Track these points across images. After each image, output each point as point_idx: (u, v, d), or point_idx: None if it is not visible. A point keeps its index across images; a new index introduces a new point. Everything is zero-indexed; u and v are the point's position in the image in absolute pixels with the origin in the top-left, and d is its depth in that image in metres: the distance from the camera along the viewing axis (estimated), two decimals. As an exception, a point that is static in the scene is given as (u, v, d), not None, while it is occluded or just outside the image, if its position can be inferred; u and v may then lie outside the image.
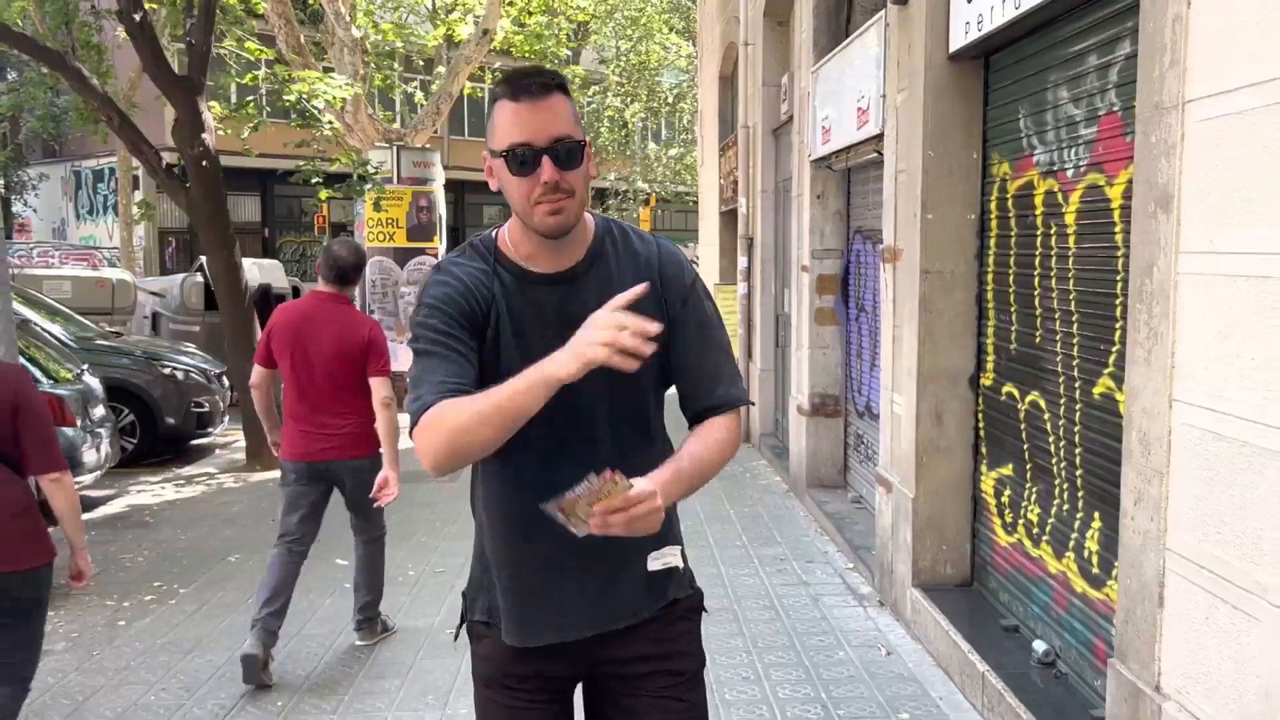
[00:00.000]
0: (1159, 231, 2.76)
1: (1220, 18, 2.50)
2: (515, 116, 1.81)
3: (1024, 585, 4.38)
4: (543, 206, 1.83)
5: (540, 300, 1.94)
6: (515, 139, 1.81)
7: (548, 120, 1.81)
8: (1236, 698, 2.44)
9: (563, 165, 1.82)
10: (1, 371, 3.42)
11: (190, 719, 4.15)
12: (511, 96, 1.82)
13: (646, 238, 2.05)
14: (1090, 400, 3.74)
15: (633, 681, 2.03)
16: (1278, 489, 2.29)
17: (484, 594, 2.07)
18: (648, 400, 2.00)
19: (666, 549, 2.03)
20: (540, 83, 1.83)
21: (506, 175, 1.84)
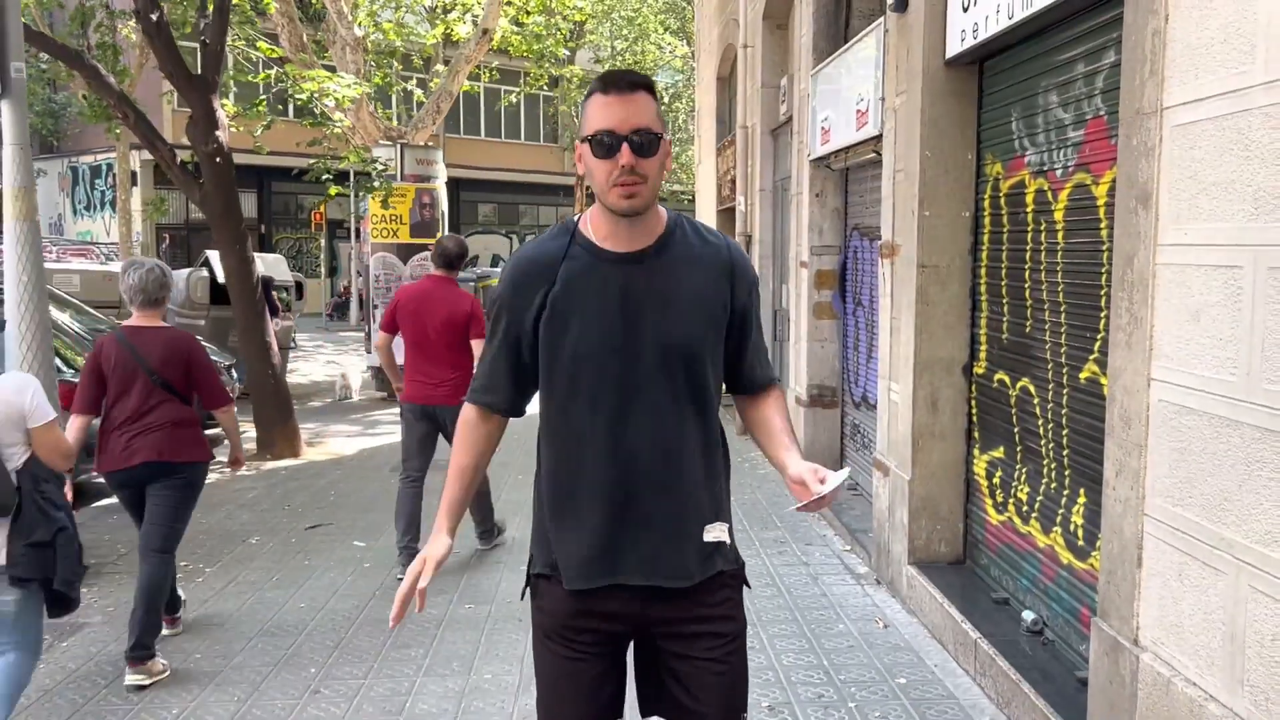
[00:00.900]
0: (1139, 225, 3.03)
1: (1193, 33, 2.78)
2: (603, 106, 2.04)
3: (1014, 560, 4.66)
4: (618, 189, 2.04)
5: (606, 276, 2.12)
6: (600, 125, 2.03)
7: (631, 112, 2.02)
8: (1204, 645, 2.72)
9: (639, 153, 2.02)
10: (176, 336, 4.65)
11: (229, 683, 4.40)
12: (602, 89, 2.05)
13: (716, 234, 2.26)
14: (1077, 385, 4.01)
15: (682, 641, 2.17)
16: (1240, 455, 2.57)
17: (544, 548, 2.22)
18: (706, 378, 2.17)
19: (718, 524, 2.20)
20: (629, 80, 2.06)
21: (590, 158, 2.06)
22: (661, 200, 2.17)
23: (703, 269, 2.16)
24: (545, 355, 2.16)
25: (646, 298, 2.10)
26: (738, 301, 2.21)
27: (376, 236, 13.53)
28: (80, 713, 4.13)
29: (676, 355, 2.10)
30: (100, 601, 5.51)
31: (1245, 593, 2.55)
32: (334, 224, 30.64)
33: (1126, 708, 3.05)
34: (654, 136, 2.04)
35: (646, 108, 2.05)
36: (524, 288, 2.16)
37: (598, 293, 2.11)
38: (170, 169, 9.45)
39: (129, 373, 4.50)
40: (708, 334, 2.16)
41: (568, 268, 2.13)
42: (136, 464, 4.52)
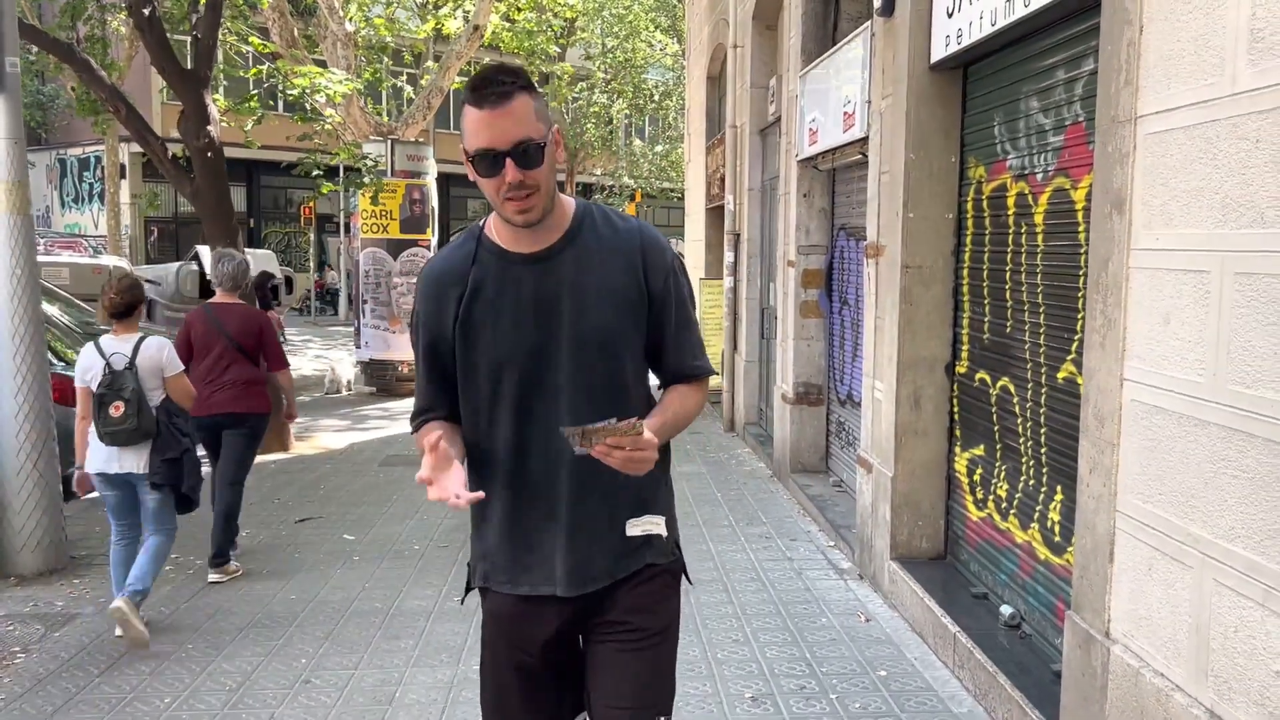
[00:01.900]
0: (1114, 230, 3.12)
1: (1166, 44, 2.86)
2: (479, 123, 1.95)
3: (993, 556, 4.75)
4: (511, 204, 2.00)
5: (518, 278, 2.09)
6: (480, 144, 1.96)
7: (509, 125, 1.94)
8: (1171, 637, 2.81)
9: (525, 165, 1.96)
10: (250, 312, 6.02)
11: (221, 673, 4.46)
12: (475, 103, 1.95)
13: (628, 219, 2.18)
14: (1055, 384, 4.11)
15: (600, 631, 2.16)
16: (1206, 454, 2.66)
17: (479, 558, 2.24)
18: (625, 373, 2.12)
19: (648, 517, 2.16)
20: (499, 92, 1.94)
21: (475, 174, 2.02)
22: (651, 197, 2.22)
23: (614, 258, 2.10)
24: (462, 363, 2.13)
25: (558, 295, 2.07)
26: (653, 287, 2.13)
27: (366, 232, 13.57)
28: (75, 700, 4.19)
29: (592, 349, 2.06)
30: (92, 593, 5.56)
31: (1210, 587, 2.64)
32: (323, 218, 30.65)
33: (1098, 699, 3.15)
34: (536, 145, 1.97)
35: (524, 114, 1.96)
36: (437, 298, 2.13)
37: (510, 296, 2.08)
38: (162, 163, 9.48)
39: (211, 339, 5.80)
40: (621, 324, 2.10)
41: (477, 274, 2.10)
42: (215, 413, 5.71)
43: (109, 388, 4.70)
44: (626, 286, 2.10)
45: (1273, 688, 2.40)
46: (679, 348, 2.20)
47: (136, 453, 4.74)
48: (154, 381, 4.82)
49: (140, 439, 4.71)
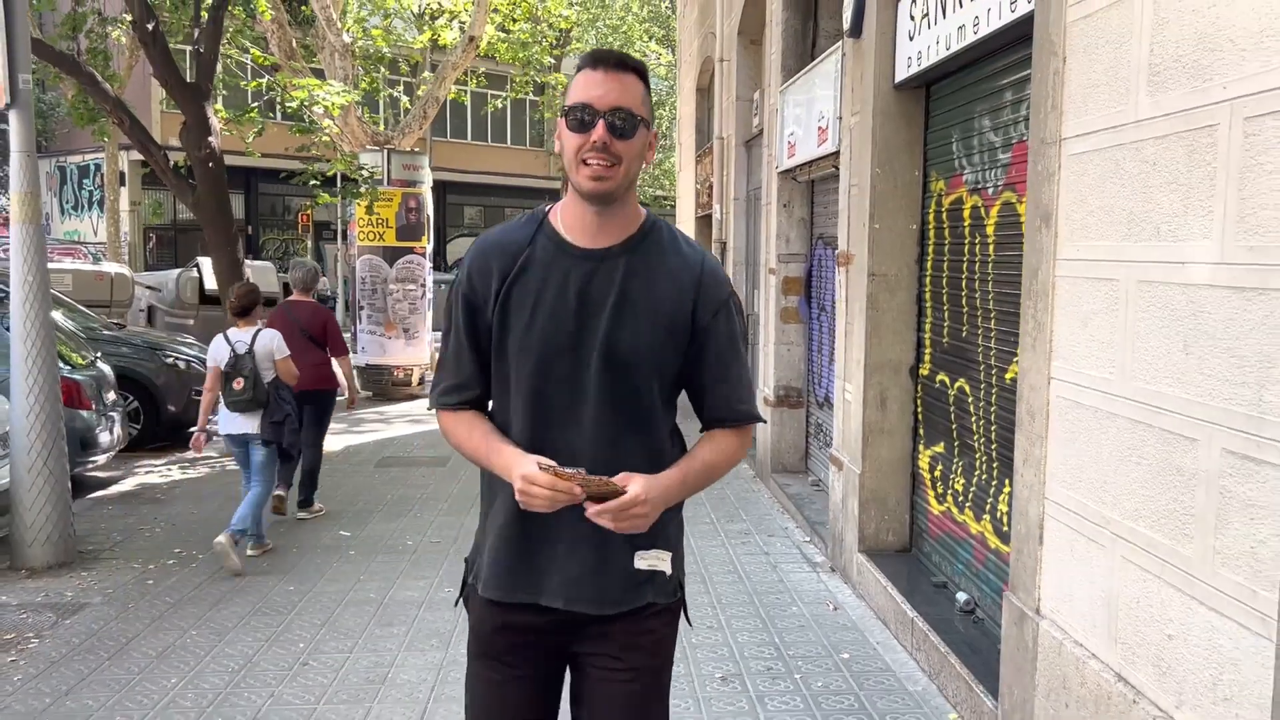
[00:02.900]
0: (1042, 242, 3.42)
1: (1084, 74, 3.17)
2: (586, 80, 1.94)
3: (951, 546, 5.04)
4: (587, 168, 1.92)
5: (567, 270, 2.01)
6: (579, 98, 1.93)
7: (614, 90, 1.92)
8: (1089, 611, 3.10)
9: (616, 134, 1.91)
10: (318, 308, 7.43)
11: (224, 657, 4.74)
12: (591, 65, 1.95)
13: (695, 247, 2.11)
14: (1003, 385, 4.40)
15: (593, 662, 2.10)
16: (1116, 443, 2.95)
17: (478, 553, 2.15)
18: (653, 395, 2.04)
19: (655, 551, 2.07)
20: (618, 59, 1.96)
21: (564, 130, 1.95)
22: (644, 205, 2.15)
23: (669, 278, 2.03)
24: (497, 345, 2.05)
25: (603, 298, 1.99)
26: (699, 321, 2.04)
27: (363, 240, 13.86)
28: (86, 680, 4.47)
29: (619, 362, 1.99)
30: (99, 584, 5.84)
31: (1119, 563, 2.93)
32: (321, 225, 30.94)
33: (1029, 670, 3.44)
34: (635, 119, 1.93)
35: (633, 90, 1.94)
36: (484, 272, 2.05)
37: (556, 287, 2.00)
38: (164, 173, 9.79)
39: (289, 330, 6.83)
40: (658, 345, 2.01)
41: (529, 256, 2.03)
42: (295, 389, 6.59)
43: (233, 368, 6.14)
44: (673, 310, 2.02)
45: (1166, 649, 2.69)
46: (723, 387, 2.09)
47: (252, 417, 6.16)
48: (266, 363, 6.22)
49: (255, 407, 6.14)
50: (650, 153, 2.02)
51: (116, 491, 8.32)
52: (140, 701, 4.25)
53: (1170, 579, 2.68)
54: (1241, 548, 2.38)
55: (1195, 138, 2.59)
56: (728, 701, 4.21)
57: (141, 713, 4.14)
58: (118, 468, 9.05)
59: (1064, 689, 3.20)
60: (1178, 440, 2.63)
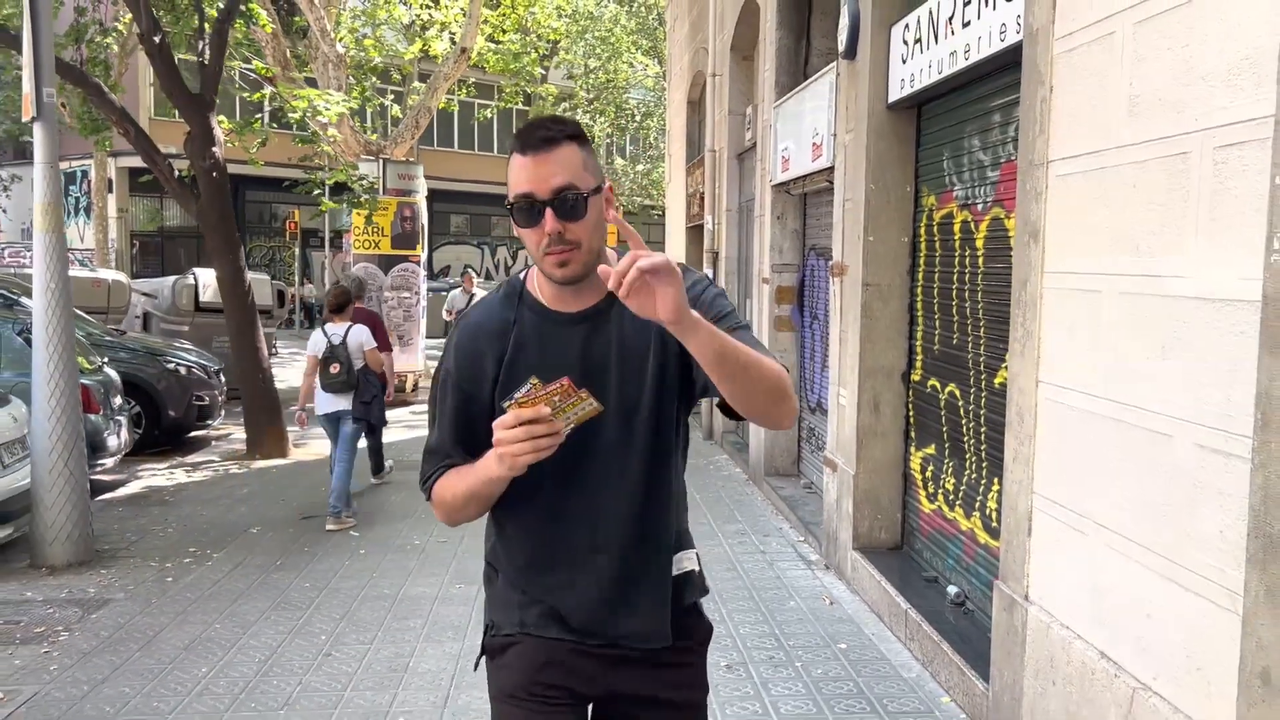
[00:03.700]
0: (1031, 256, 3.69)
1: (1070, 102, 3.45)
2: (521, 169, 1.85)
3: (941, 543, 5.31)
4: (550, 257, 1.86)
5: (562, 339, 1.97)
6: (520, 190, 1.85)
7: (551, 172, 1.82)
8: (1074, 595, 3.37)
9: (566, 217, 1.83)
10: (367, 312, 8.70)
11: (250, 648, 4.96)
12: (519, 149, 1.86)
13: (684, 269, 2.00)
14: (993, 389, 4.68)
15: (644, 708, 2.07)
16: (1097, 441, 3.22)
17: (510, 612, 2.09)
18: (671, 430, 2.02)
19: (682, 553, 2.08)
20: (545, 136, 1.85)
21: (517, 226, 1.89)
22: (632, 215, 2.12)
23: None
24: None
25: (604, 357, 1.96)
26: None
27: (359, 248, 14.08)
28: (120, 670, 4.67)
29: (638, 411, 1.97)
30: (120, 581, 6.03)
31: (1101, 551, 3.20)
32: (308, 233, 31.08)
33: (1019, 652, 3.70)
34: (579, 196, 1.83)
35: (570, 162, 1.84)
36: (475, 356, 2.00)
37: (555, 359, 1.95)
38: (168, 182, 9.96)
39: None
40: (666, 377, 1.98)
41: (518, 334, 1.99)
42: None
43: (330, 356, 7.33)
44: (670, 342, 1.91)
45: (1145, 627, 2.96)
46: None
47: (344, 398, 7.38)
48: (357, 353, 7.42)
49: (347, 389, 7.37)
50: (610, 210, 1.90)
51: (125, 494, 8.50)
52: (174, 689, 4.46)
53: (1148, 563, 2.95)
54: (1211, 532, 2.66)
55: (1171, 164, 2.87)
56: (734, 688, 4.46)
57: (177, 700, 4.36)
58: (121, 471, 9.22)
59: (1051, 668, 3.46)
60: (1155, 437, 2.91)
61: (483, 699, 4.44)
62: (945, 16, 4.85)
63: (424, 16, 17.32)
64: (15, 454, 6.49)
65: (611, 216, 1.91)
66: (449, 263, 35.14)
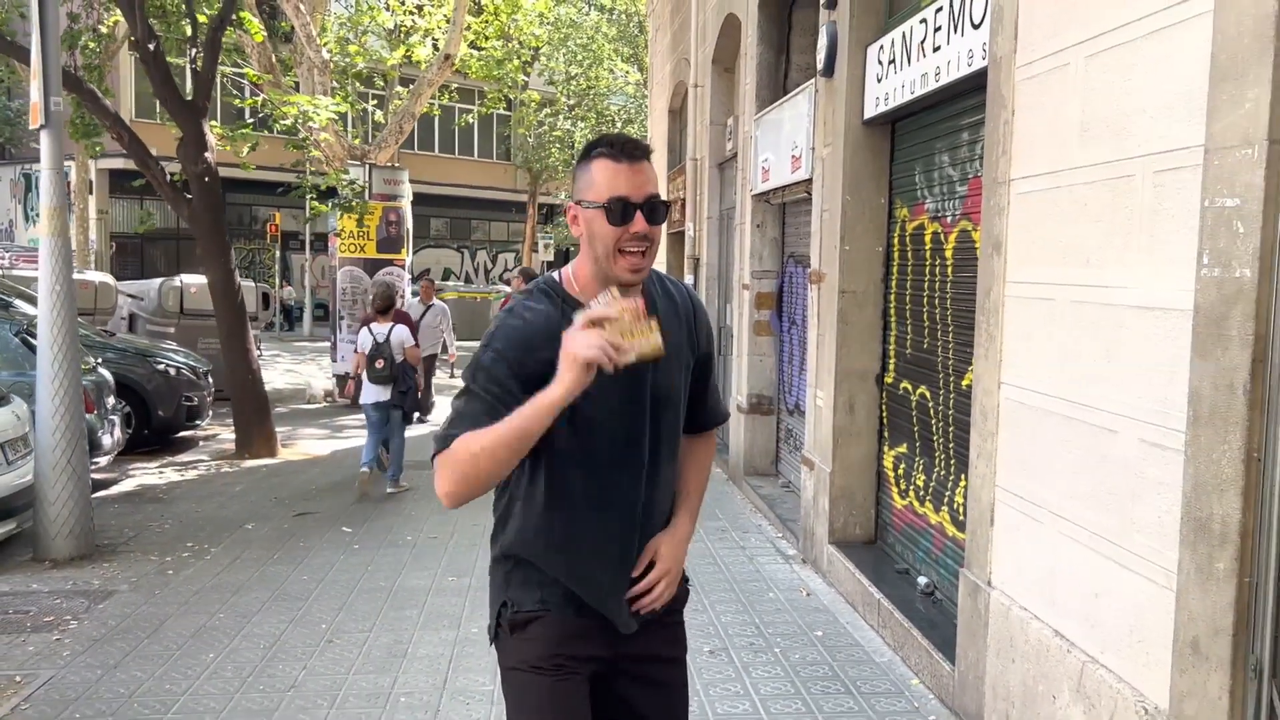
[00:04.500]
0: (993, 267, 3.99)
1: (1029, 125, 3.74)
2: (618, 174, 2.07)
3: (913, 536, 5.61)
4: (626, 259, 2.08)
5: None
6: (614, 192, 2.06)
7: (645, 180, 2.09)
8: (1032, 578, 3.66)
9: (652, 220, 2.09)
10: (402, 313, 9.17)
11: (254, 636, 5.18)
12: (614, 157, 2.09)
13: (678, 284, 2.36)
14: (960, 390, 4.97)
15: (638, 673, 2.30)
16: (1051, 436, 3.52)
17: (531, 591, 2.23)
18: (680, 425, 2.31)
19: None
20: (642, 149, 2.12)
21: (602, 223, 2.07)
22: None
23: (674, 320, 2.25)
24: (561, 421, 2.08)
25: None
26: (699, 349, 2.33)
27: (344, 251, 14.28)
28: (130, 655, 4.89)
29: (667, 405, 2.23)
30: (123, 574, 6.24)
31: (1055, 538, 3.50)
32: (288, 235, 31.19)
33: (981, 633, 3.99)
34: (664, 205, 2.13)
35: (654, 177, 2.14)
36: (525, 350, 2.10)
37: None
38: (161, 186, 10.14)
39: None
40: (682, 380, 2.28)
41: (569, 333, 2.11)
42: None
43: (375, 352, 8.27)
44: (683, 348, 2.27)
45: (1093, 606, 3.25)
46: (710, 398, 2.43)
47: (387, 389, 8.35)
48: (398, 350, 8.40)
49: (390, 381, 8.35)
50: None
51: (119, 491, 8.69)
52: (185, 673, 4.69)
53: (1096, 547, 3.24)
54: (1151, 518, 2.95)
55: (1116, 185, 3.17)
56: (717, 670, 4.74)
57: (188, 682, 4.58)
58: (112, 470, 9.39)
59: (1011, 647, 3.75)
60: (1101, 432, 3.20)
61: (480, 681, 4.73)
62: (918, 40, 5.15)
63: (407, 23, 17.55)
64: (18, 451, 6.68)
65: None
66: (429, 266, 35.31)
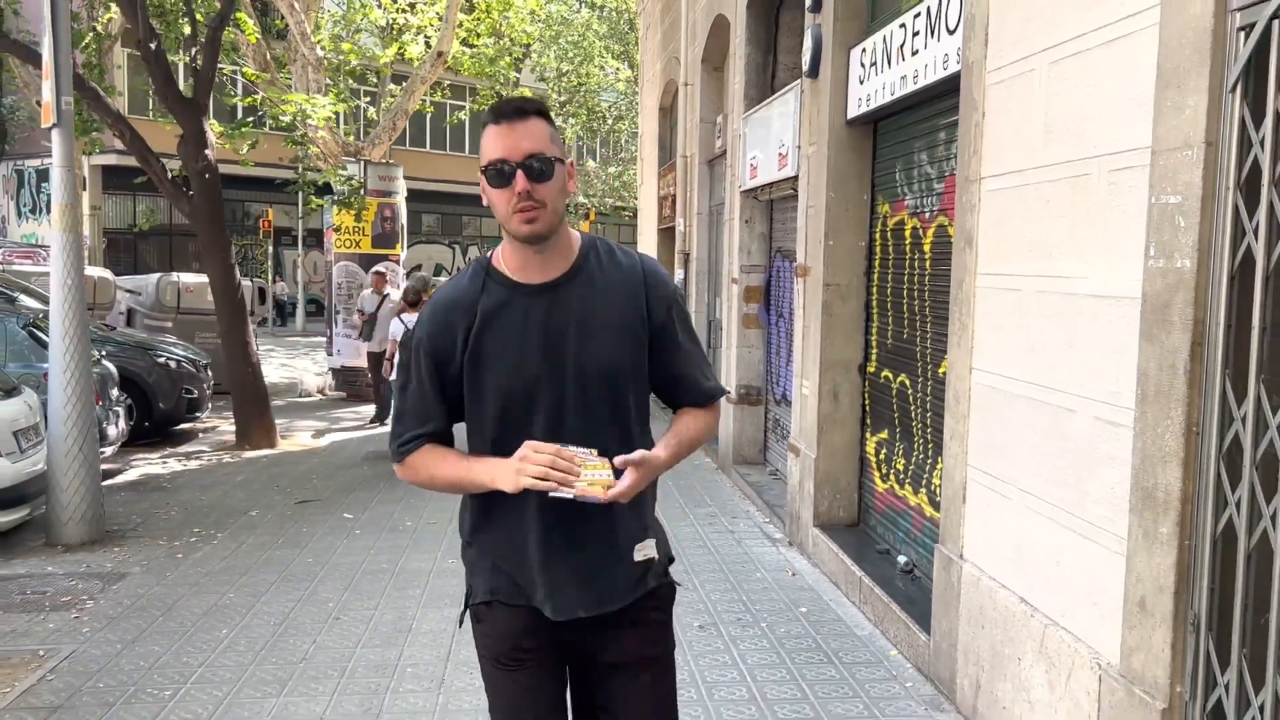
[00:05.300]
0: (966, 260, 4.25)
1: (999, 126, 4.00)
2: (495, 136, 2.07)
3: (893, 518, 5.87)
4: (518, 215, 2.06)
5: (526, 308, 2.13)
6: (494, 155, 2.06)
7: (522, 138, 2.05)
8: (1001, 550, 3.92)
9: (535, 179, 2.04)
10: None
11: (264, 614, 5.42)
12: (493, 119, 2.08)
13: (630, 253, 2.25)
14: (937, 378, 5.23)
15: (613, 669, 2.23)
16: (1018, 419, 3.78)
17: (483, 578, 2.23)
18: (627, 404, 2.18)
19: (647, 542, 2.24)
20: (517, 108, 2.08)
21: (488, 188, 2.09)
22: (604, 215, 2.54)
23: (618, 291, 2.17)
24: (471, 392, 2.17)
25: (565, 326, 2.13)
26: (655, 318, 2.20)
27: (340, 247, 14.49)
28: (147, 632, 5.12)
29: (598, 380, 2.14)
30: (134, 557, 6.47)
31: (1021, 512, 3.76)
32: (281, 231, 31.36)
33: (954, 604, 4.25)
34: (548, 161, 2.06)
35: (539, 132, 2.07)
36: (445, 325, 2.16)
37: (518, 325, 2.13)
38: (162, 183, 10.33)
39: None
40: (628, 356, 2.16)
41: (485, 304, 2.15)
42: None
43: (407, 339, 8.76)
44: (630, 319, 2.17)
45: (1054, 573, 3.51)
46: (688, 373, 2.27)
47: None
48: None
49: None
50: (571, 182, 2.15)
51: (123, 480, 8.90)
52: (200, 647, 4.92)
53: (1057, 518, 3.51)
54: (1104, 490, 3.21)
55: (1076, 183, 3.42)
56: (706, 643, 4.99)
57: (204, 656, 4.82)
58: (115, 461, 9.59)
59: (981, 614, 4.02)
60: (1061, 412, 3.46)
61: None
62: (897, 44, 5.40)
63: (399, 21, 17.72)
64: (30, 440, 6.90)
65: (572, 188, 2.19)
66: (420, 261, 35.48)
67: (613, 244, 2.29)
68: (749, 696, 4.38)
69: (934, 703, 4.34)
